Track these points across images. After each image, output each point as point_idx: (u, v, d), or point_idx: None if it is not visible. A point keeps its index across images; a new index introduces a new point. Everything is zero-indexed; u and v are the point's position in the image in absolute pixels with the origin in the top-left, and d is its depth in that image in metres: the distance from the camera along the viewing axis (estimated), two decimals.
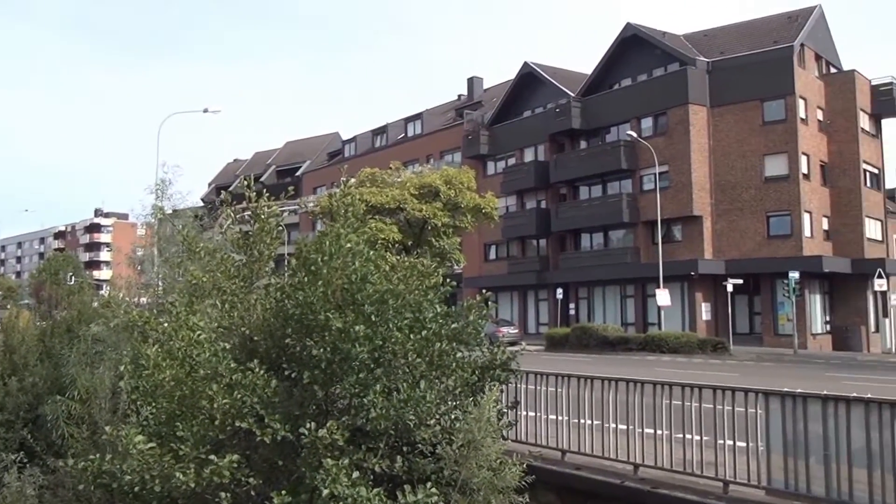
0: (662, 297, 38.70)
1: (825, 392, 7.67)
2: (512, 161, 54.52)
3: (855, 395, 7.45)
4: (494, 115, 56.07)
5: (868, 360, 36.08)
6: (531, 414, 10.54)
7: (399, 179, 38.93)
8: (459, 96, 68.47)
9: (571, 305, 48.66)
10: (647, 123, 45.70)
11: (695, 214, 42.76)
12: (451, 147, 59.16)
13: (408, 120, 66.70)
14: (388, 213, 37.14)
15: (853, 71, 45.30)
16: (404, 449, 8.07)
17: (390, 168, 40.63)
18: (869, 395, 7.34)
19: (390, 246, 32.61)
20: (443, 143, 60.63)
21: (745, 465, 8.12)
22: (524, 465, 8.11)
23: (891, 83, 46.04)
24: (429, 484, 6.97)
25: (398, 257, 9.46)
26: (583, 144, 50.41)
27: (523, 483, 8.07)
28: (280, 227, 9.60)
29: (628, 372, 15.49)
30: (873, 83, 46.04)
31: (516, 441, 10.22)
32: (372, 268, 7.74)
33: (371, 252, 8.02)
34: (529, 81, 54.22)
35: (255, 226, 9.30)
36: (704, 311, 42.35)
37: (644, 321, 44.04)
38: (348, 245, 7.60)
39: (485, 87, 65.60)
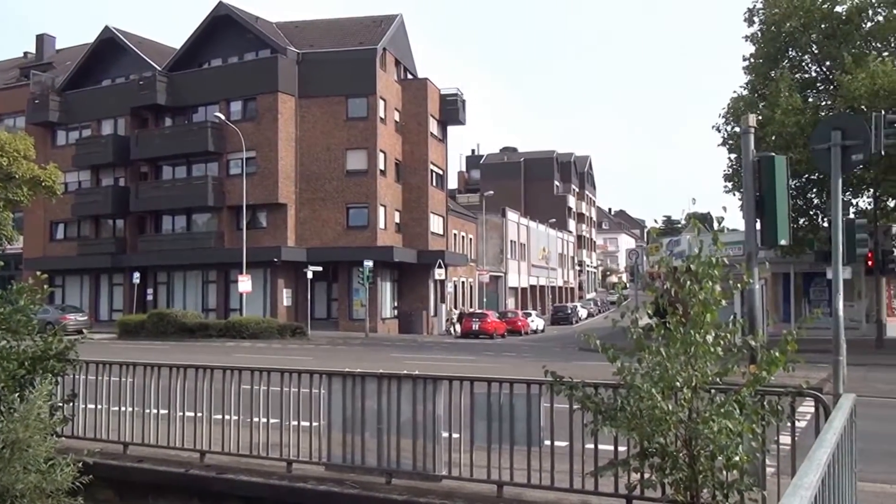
0: (244, 283, 38.87)
1: (381, 371, 8.37)
2: (87, 133, 50.27)
3: (406, 372, 8.25)
4: (68, 80, 50.96)
5: (427, 341, 40.43)
6: (91, 407, 9.85)
7: None
8: (26, 54, 61.00)
9: (150, 291, 46.55)
10: (236, 107, 45.47)
11: (280, 202, 43.69)
12: (14, 110, 52.41)
13: None
14: None
15: (426, 79, 50.12)
16: None
17: None
18: (416, 372, 8.18)
19: None
20: (3, 105, 53.51)
21: (309, 444, 8.52)
22: (80, 464, 7.56)
23: (456, 94, 51.92)
24: None
25: None
26: (168, 122, 48.48)
27: (78, 483, 7.51)
28: None
29: (207, 359, 15.21)
30: (442, 92, 51.47)
31: (74, 437, 9.52)
32: None
33: None
34: (111, 48, 50.29)
35: None
36: (286, 297, 43.54)
37: (226, 307, 43.86)
38: None
39: (57, 47, 59.32)
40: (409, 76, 51.14)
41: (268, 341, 34.97)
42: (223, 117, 43.03)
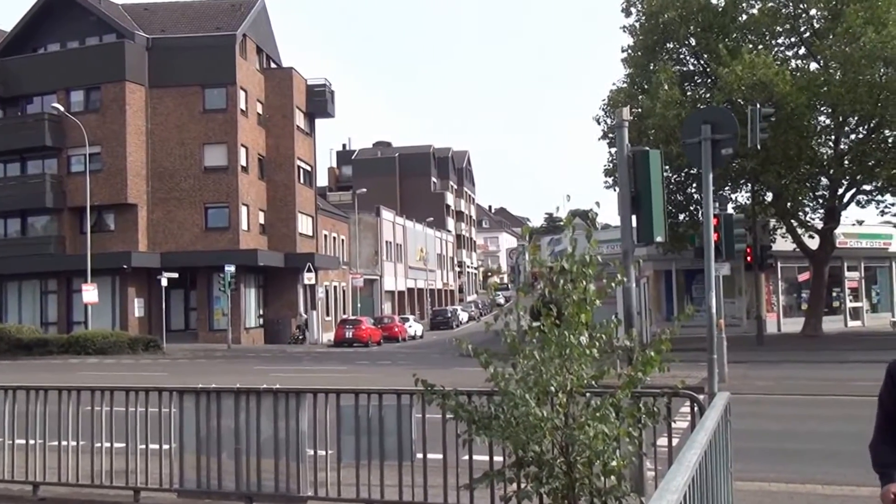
0: (89, 292, 37.14)
1: (238, 386, 8.13)
2: None
3: (265, 386, 8.04)
4: None
5: (296, 351, 39.85)
6: None
7: None
8: None
9: None
10: (77, 97, 43.58)
11: (129, 202, 42.15)
12: None
13: None
14: None
15: (291, 69, 49.48)
16: None
17: None
18: (277, 386, 7.99)
19: None
20: None
21: (159, 468, 8.18)
22: None
23: (324, 85, 51.51)
24: None
25: None
26: None
27: None
28: None
29: (45, 378, 14.42)
30: (309, 83, 50.93)
31: None
32: None
33: None
34: None
35: None
36: (137, 308, 41.98)
37: (69, 320, 41.95)
38: None
39: None
40: (273, 65, 50.34)
41: (117, 357, 33.73)
42: (62, 108, 40.98)
